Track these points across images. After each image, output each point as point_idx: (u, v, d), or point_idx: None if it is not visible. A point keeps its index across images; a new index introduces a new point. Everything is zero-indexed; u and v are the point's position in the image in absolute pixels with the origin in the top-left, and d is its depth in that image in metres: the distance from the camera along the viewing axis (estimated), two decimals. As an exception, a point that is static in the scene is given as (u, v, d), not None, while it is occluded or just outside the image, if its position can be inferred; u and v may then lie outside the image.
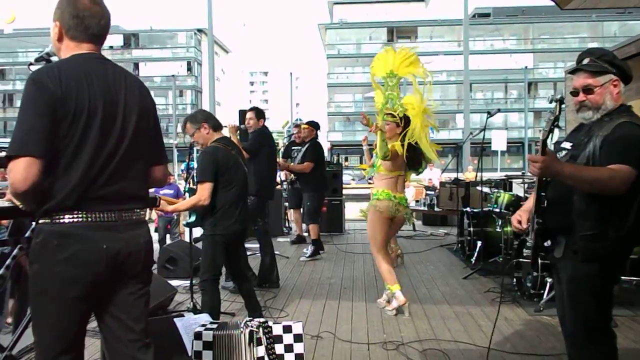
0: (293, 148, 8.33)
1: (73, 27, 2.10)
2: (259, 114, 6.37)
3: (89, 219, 2.01)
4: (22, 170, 1.88)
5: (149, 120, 2.26)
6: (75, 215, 1.99)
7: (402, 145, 4.85)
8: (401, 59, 5.07)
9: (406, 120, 5.01)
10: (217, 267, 4.17)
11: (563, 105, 2.38)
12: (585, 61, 2.56)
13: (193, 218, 4.22)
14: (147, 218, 2.36)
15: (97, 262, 2.01)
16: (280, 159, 8.01)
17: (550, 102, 2.42)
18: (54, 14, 2.13)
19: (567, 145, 2.65)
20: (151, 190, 2.56)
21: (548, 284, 4.89)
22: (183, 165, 15.89)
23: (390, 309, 4.90)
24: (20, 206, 2.07)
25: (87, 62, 2.10)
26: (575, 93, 2.58)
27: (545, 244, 2.61)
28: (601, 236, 2.40)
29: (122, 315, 2.15)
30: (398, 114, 4.96)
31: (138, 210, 2.20)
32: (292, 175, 8.46)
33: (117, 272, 2.08)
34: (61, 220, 1.98)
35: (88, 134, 2.00)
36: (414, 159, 5.04)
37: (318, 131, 8.28)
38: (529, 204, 2.71)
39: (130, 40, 52.71)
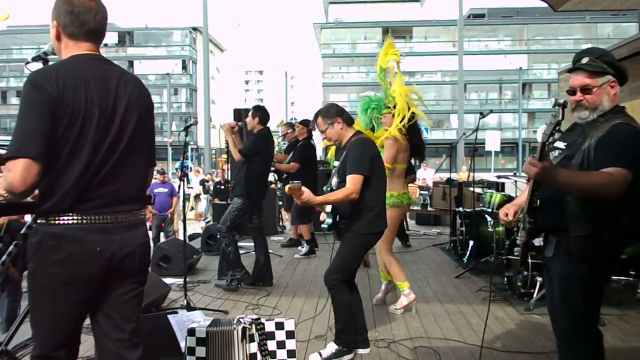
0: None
1: (69, 24, 2.12)
2: (255, 112, 6.02)
3: (84, 221, 2.03)
4: (21, 171, 1.90)
5: (148, 121, 2.27)
6: (70, 217, 2.01)
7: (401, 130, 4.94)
8: (383, 51, 5.31)
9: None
10: (355, 269, 3.85)
11: (566, 109, 2.38)
12: (585, 60, 2.53)
13: (330, 220, 3.86)
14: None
15: (90, 264, 2.03)
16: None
17: (554, 106, 2.40)
18: (52, 13, 2.15)
19: (561, 145, 2.63)
20: None
21: (538, 283, 4.94)
22: (177, 164, 15.91)
23: (398, 307, 4.92)
24: (6, 195, 2.07)
25: (86, 63, 2.11)
26: (572, 92, 2.55)
27: (537, 243, 2.63)
28: (595, 237, 2.40)
29: (113, 313, 2.17)
30: (390, 104, 5.14)
31: (136, 211, 2.20)
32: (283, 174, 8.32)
33: (112, 273, 2.11)
34: (56, 222, 2.01)
35: (84, 136, 2.02)
36: (417, 146, 5.13)
37: (313, 130, 8.25)
38: (520, 199, 2.74)
39: (125, 38, 52.59)
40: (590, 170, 2.40)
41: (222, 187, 11.87)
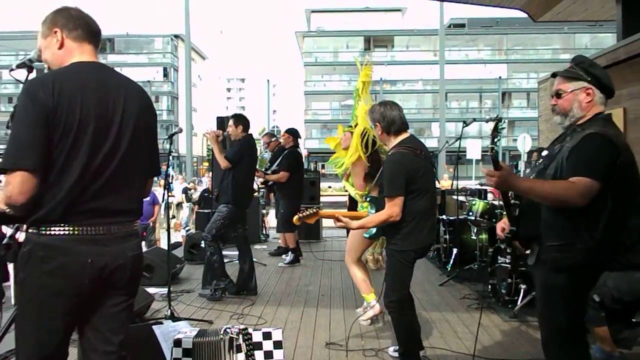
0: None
1: (72, 26, 2.13)
2: (237, 121, 6.02)
3: (76, 232, 2.00)
4: (19, 184, 1.90)
5: (148, 132, 2.25)
6: (62, 228, 1.99)
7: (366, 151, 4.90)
8: (364, 72, 5.33)
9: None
10: (407, 286, 3.64)
11: (500, 124, 2.43)
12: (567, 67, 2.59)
13: (374, 230, 3.78)
14: None
15: (81, 276, 2.00)
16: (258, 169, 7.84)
17: (487, 121, 2.47)
18: (47, 26, 2.14)
19: (545, 153, 2.69)
20: None
21: (522, 291, 4.98)
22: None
23: (365, 318, 4.87)
24: (8, 210, 2.03)
25: (86, 71, 2.09)
26: (551, 97, 2.63)
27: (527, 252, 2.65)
28: (567, 247, 2.40)
29: (102, 326, 2.14)
30: (353, 123, 5.25)
31: (129, 223, 2.17)
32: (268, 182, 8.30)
33: (102, 285, 2.08)
34: (48, 232, 1.98)
35: (78, 147, 1.99)
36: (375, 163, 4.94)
37: (298, 138, 8.26)
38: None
39: (106, 45, 52.06)
40: (562, 179, 2.41)
41: (210, 195, 11.80)
